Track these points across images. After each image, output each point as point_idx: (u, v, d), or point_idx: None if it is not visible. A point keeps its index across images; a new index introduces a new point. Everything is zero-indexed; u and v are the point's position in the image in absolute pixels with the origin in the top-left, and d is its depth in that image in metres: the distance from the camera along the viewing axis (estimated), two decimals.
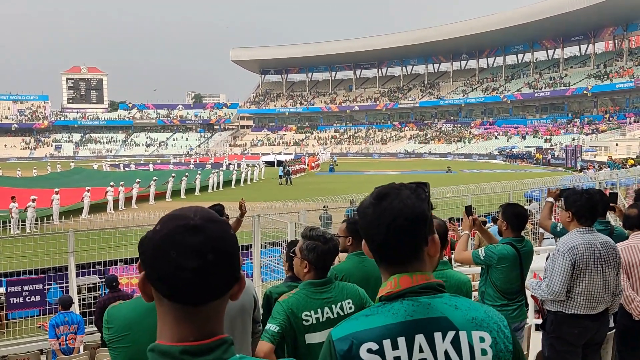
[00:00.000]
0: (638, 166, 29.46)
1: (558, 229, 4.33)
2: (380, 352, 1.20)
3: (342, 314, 2.51)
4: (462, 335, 1.23)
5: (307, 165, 47.22)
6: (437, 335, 1.22)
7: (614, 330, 3.96)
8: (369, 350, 1.21)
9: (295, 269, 2.71)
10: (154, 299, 1.01)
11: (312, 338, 2.46)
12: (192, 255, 0.95)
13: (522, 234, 4.09)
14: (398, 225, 1.26)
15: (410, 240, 1.28)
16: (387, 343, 1.21)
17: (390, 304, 1.27)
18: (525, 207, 13.08)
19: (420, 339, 1.22)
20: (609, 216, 5.72)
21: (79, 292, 8.12)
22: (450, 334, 1.23)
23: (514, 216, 3.97)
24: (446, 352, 1.22)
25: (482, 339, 1.24)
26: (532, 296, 3.85)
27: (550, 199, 4.56)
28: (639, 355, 3.79)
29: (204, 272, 0.95)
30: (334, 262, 2.78)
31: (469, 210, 4.18)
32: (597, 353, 3.70)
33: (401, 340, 1.21)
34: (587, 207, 3.49)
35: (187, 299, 0.97)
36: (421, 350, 1.21)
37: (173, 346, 0.97)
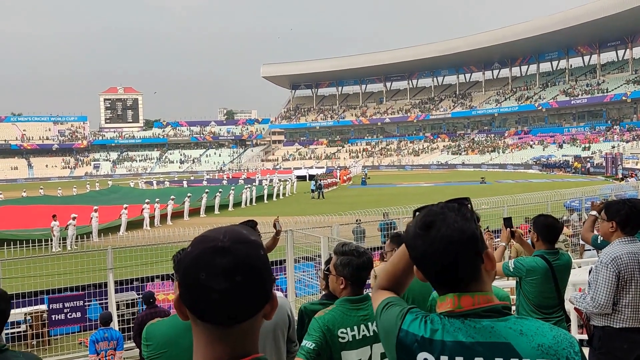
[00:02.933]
0: None
1: (599, 241, 4.24)
2: None
3: (377, 331, 2.48)
4: None
5: (339, 178, 47.20)
6: None
7: None
8: None
9: (331, 286, 2.69)
10: (189, 318, 1.02)
11: (348, 356, 2.43)
12: (220, 277, 0.95)
13: (563, 245, 3.98)
14: (452, 251, 1.24)
15: (467, 262, 1.26)
16: (444, 359, 1.22)
17: (451, 321, 1.26)
18: (565, 217, 12.75)
19: None
20: None
21: (117, 308, 8.28)
22: None
23: (545, 227, 3.85)
24: None
25: None
26: (575, 309, 3.72)
27: (594, 212, 4.43)
28: None
29: (232, 293, 0.96)
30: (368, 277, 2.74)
31: (508, 222, 4.08)
32: None
33: None
34: (632, 215, 3.40)
35: (218, 320, 0.98)
36: None
37: None
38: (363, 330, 2.46)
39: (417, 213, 1.35)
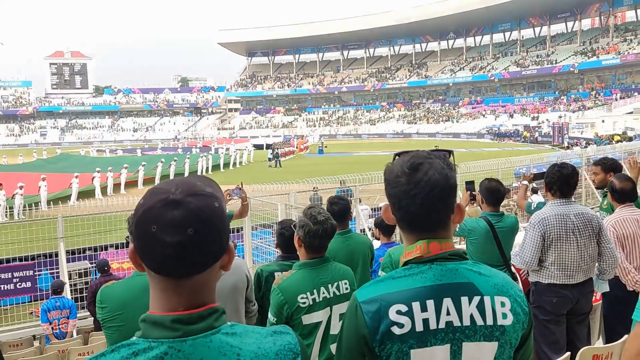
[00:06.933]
0: (624, 142, 29.75)
1: (532, 208, 4.53)
2: (409, 313, 1.24)
3: (338, 293, 2.52)
4: (487, 300, 1.28)
5: (296, 147, 47.11)
6: (464, 300, 1.27)
7: (601, 299, 4.05)
8: (398, 312, 1.24)
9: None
10: (145, 270, 1.02)
11: (309, 318, 2.47)
12: (172, 230, 0.94)
13: (505, 210, 4.20)
14: (434, 196, 1.27)
15: (443, 210, 1.31)
16: (416, 305, 1.25)
17: (418, 268, 1.30)
18: (514, 184, 13.23)
19: (447, 302, 1.26)
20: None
21: (70, 278, 8.10)
22: (476, 299, 1.28)
23: (487, 191, 4.09)
24: (471, 316, 1.27)
25: (503, 304, 1.29)
26: (514, 267, 3.94)
27: (525, 182, 4.86)
28: (626, 323, 3.87)
29: (185, 246, 0.95)
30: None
31: (470, 185, 4.21)
32: (583, 323, 3.78)
33: (430, 303, 1.25)
34: (556, 178, 3.58)
35: (172, 273, 0.97)
36: (448, 313, 1.26)
37: (164, 315, 0.98)
38: (323, 293, 2.49)
39: (400, 155, 1.37)
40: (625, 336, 3.01)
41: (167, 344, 0.95)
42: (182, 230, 0.95)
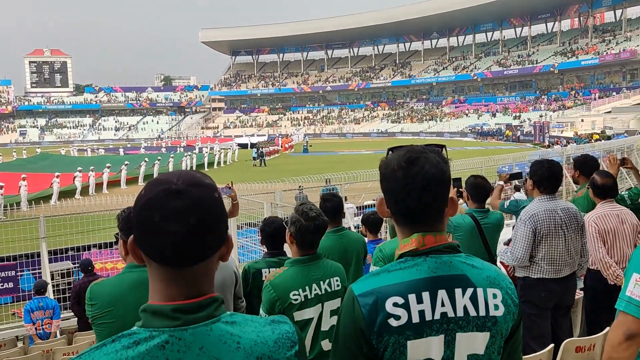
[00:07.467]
0: (602, 141, 30.25)
1: (505, 207, 4.61)
2: (406, 305, 1.27)
3: (329, 290, 2.53)
4: (479, 292, 1.31)
5: (281, 146, 47.05)
6: (458, 292, 1.30)
7: (583, 293, 4.13)
8: (395, 304, 1.26)
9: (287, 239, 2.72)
10: (144, 261, 1.03)
11: (301, 315, 2.48)
12: (175, 220, 0.96)
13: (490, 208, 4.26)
14: (431, 190, 1.30)
15: (438, 203, 1.34)
16: (412, 297, 1.27)
17: (414, 260, 1.33)
18: (496, 182, 13.39)
19: (442, 294, 1.29)
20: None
21: (52, 278, 7.99)
22: (469, 291, 1.31)
23: (472, 187, 4.15)
24: (465, 307, 1.30)
25: (495, 296, 1.33)
26: (501, 263, 4.00)
27: (501, 182, 4.94)
28: (607, 316, 3.96)
29: (187, 235, 0.97)
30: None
31: (456, 183, 4.26)
32: (566, 316, 3.86)
33: (425, 295, 1.28)
34: (547, 175, 3.65)
35: (173, 262, 0.99)
36: (443, 305, 1.29)
37: (165, 305, 0.99)
38: (315, 289, 2.50)
39: (394, 150, 1.39)
40: (607, 328, 3.08)
41: (168, 332, 0.97)
42: (184, 219, 0.97)
